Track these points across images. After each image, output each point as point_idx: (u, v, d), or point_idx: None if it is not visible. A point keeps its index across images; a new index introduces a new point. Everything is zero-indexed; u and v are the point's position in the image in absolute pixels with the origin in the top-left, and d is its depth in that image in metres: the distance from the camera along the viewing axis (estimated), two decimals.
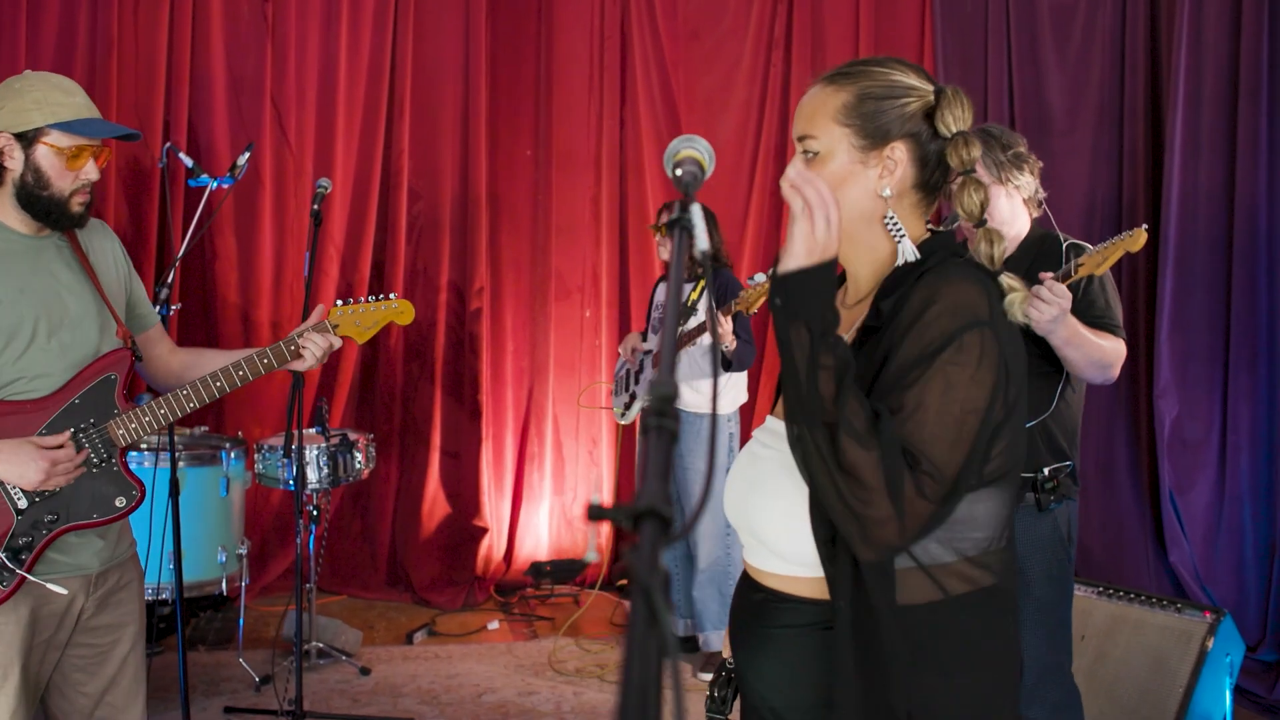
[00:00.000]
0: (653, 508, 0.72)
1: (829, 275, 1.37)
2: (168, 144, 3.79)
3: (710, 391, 4.31)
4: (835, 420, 1.30)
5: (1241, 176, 4.28)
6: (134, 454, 3.88)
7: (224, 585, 4.15)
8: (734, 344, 4.00)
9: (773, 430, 1.52)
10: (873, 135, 1.47)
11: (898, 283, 1.45)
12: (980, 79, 5.19)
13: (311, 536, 4.39)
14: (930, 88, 1.49)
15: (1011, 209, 2.88)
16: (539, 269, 5.60)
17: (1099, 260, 2.65)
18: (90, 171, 2.24)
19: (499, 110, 5.55)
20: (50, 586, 2.22)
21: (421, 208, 5.46)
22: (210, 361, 2.45)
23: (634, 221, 5.61)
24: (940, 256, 1.47)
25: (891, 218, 1.49)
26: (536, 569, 4.09)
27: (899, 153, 1.47)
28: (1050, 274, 2.65)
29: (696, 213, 1.12)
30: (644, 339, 4.59)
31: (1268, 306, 4.25)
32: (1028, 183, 2.86)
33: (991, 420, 1.35)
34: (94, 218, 2.43)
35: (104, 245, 2.43)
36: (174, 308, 3.46)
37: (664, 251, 4.63)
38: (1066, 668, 2.92)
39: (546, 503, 5.65)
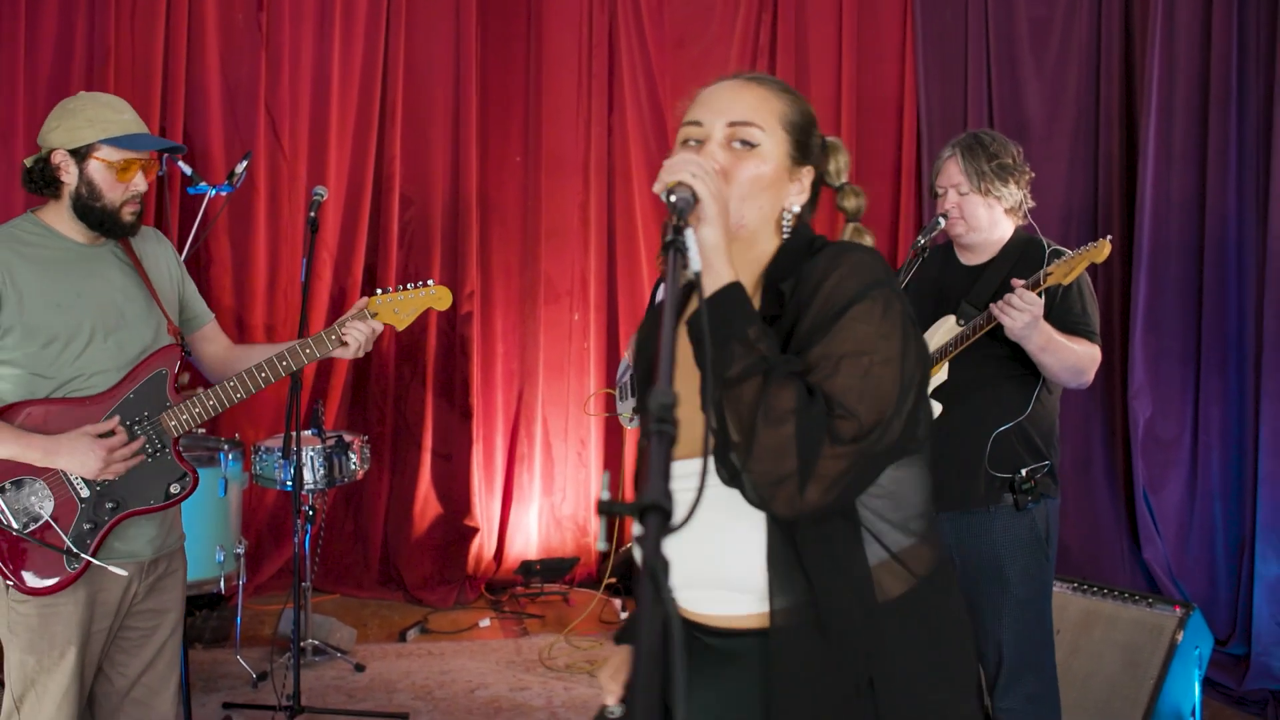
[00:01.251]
0: (656, 502, 0.82)
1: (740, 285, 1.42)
2: (184, 149, 3.87)
3: None
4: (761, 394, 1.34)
5: (1212, 184, 4.42)
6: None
7: (222, 584, 4.24)
8: None
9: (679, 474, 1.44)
10: (802, 153, 1.55)
11: (790, 267, 1.50)
12: (960, 87, 5.32)
13: (307, 536, 4.48)
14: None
15: (990, 217, 2.98)
16: (528, 273, 5.70)
17: (1066, 270, 2.76)
18: (139, 183, 2.43)
19: (489, 117, 5.65)
20: (113, 569, 2.38)
21: (413, 213, 5.55)
22: (259, 354, 2.60)
23: (621, 226, 5.71)
24: (822, 241, 1.55)
25: (788, 221, 1.56)
26: (526, 568, 4.26)
27: (808, 179, 1.57)
28: (1021, 281, 2.76)
29: (690, 236, 1.22)
30: None
31: (1237, 311, 4.39)
32: (1010, 194, 2.95)
33: (906, 376, 1.39)
34: (147, 226, 2.64)
35: (157, 251, 2.63)
36: None
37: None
38: (1047, 663, 3.01)
39: (536, 503, 5.74)
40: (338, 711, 3.99)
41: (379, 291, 2.61)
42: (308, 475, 4.25)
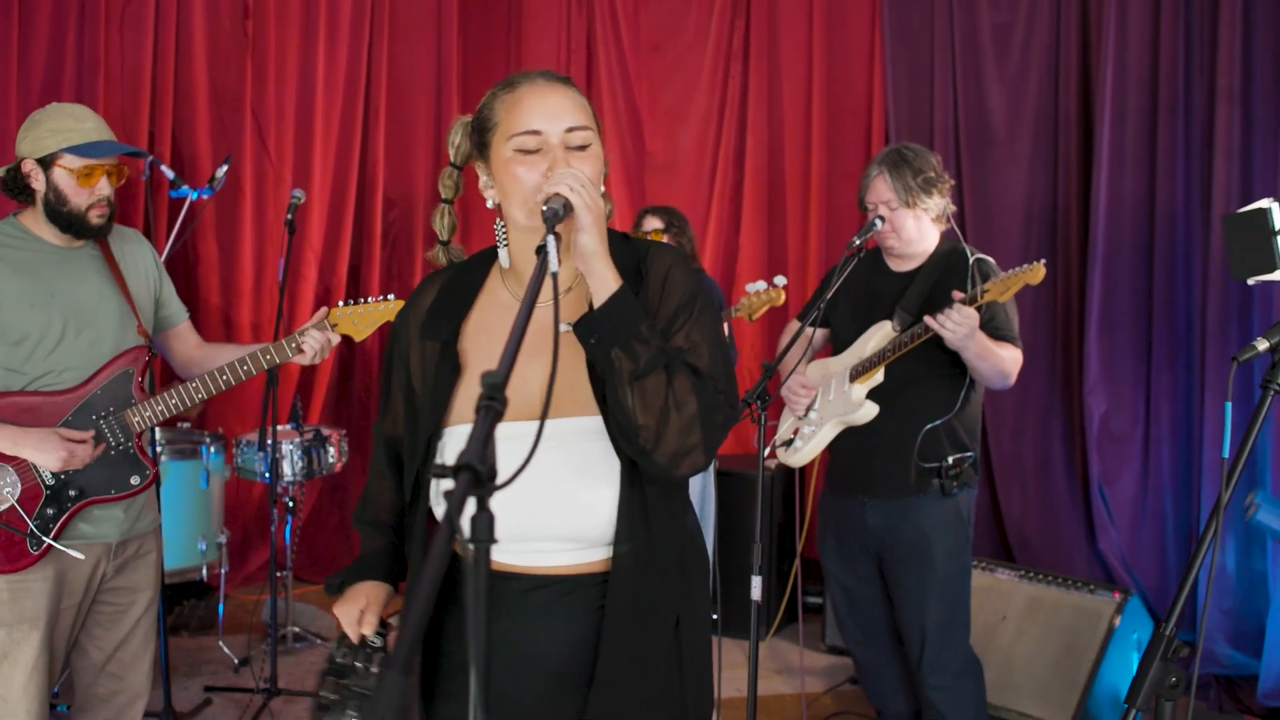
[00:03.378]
0: (469, 463, 0.98)
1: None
2: (150, 157, 4.04)
3: None
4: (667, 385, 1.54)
5: (1161, 185, 4.55)
6: None
7: (204, 572, 4.41)
8: None
9: (503, 437, 1.51)
10: (602, 144, 1.69)
11: (619, 257, 1.64)
12: (927, 90, 5.46)
13: (288, 527, 4.65)
14: None
15: (919, 229, 3.15)
16: None
17: (1002, 289, 2.91)
18: (103, 188, 2.57)
19: None
20: (71, 553, 2.54)
21: (396, 214, 5.72)
22: (224, 355, 2.76)
23: None
24: (623, 234, 1.75)
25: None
26: None
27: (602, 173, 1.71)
28: (961, 295, 2.92)
29: (551, 243, 1.38)
30: None
31: (1185, 309, 4.53)
32: (935, 204, 3.13)
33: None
34: (129, 228, 2.82)
35: (136, 252, 2.78)
36: None
37: None
38: (964, 639, 3.21)
39: None
40: (312, 693, 4.15)
41: (340, 304, 2.78)
42: (286, 468, 4.41)
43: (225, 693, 4.13)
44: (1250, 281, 2.95)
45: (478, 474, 0.97)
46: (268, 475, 4.17)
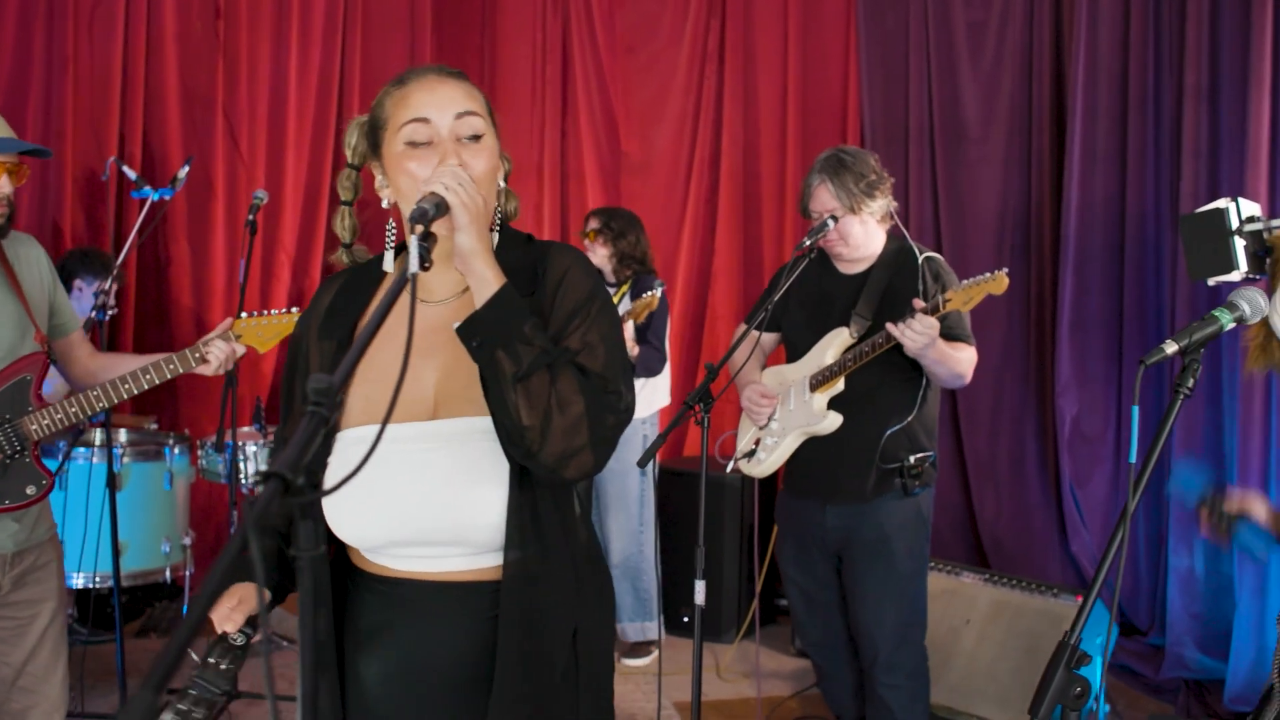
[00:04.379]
0: (279, 471, 0.95)
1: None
2: (111, 157, 4.02)
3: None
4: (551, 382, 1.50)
5: (1131, 184, 4.52)
6: (79, 449, 4.11)
7: (168, 574, 4.39)
8: (636, 350, 4.25)
9: (391, 438, 1.53)
10: (498, 138, 1.65)
11: (519, 255, 1.65)
12: (902, 90, 5.44)
13: None
14: None
15: (865, 232, 3.13)
16: None
17: (965, 298, 2.88)
18: (3, 186, 2.46)
19: None
20: None
21: (369, 215, 5.65)
22: (124, 365, 2.68)
23: (575, 228, 5.84)
24: (527, 234, 1.73)
25: (499, 210, 1.68)
26: None
27: (502, 170, 1.67)
28: (922, 304, 2.90)
29: (413, 243, 1.36)
30: None
31: (1155, 310, 4.49)
32: (879, 206, 3.11)
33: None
34: (23, 231, 2.69)
35: (30, 255, 2.67)
36: (109, 313, 3.69)
37: (593, 256, 4.76)
38: (919, 638, 3.19)
39: None
40: (279, 697, 4.13)
41: (244, 315, 2.73)
42: (251, 468, 4.39)
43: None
44: (1210, 282, 2.92)
45: (286, 482, 0.95)
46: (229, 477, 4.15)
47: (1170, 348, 1.69)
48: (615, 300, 4.45)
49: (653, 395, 4.63)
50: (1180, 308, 4.27)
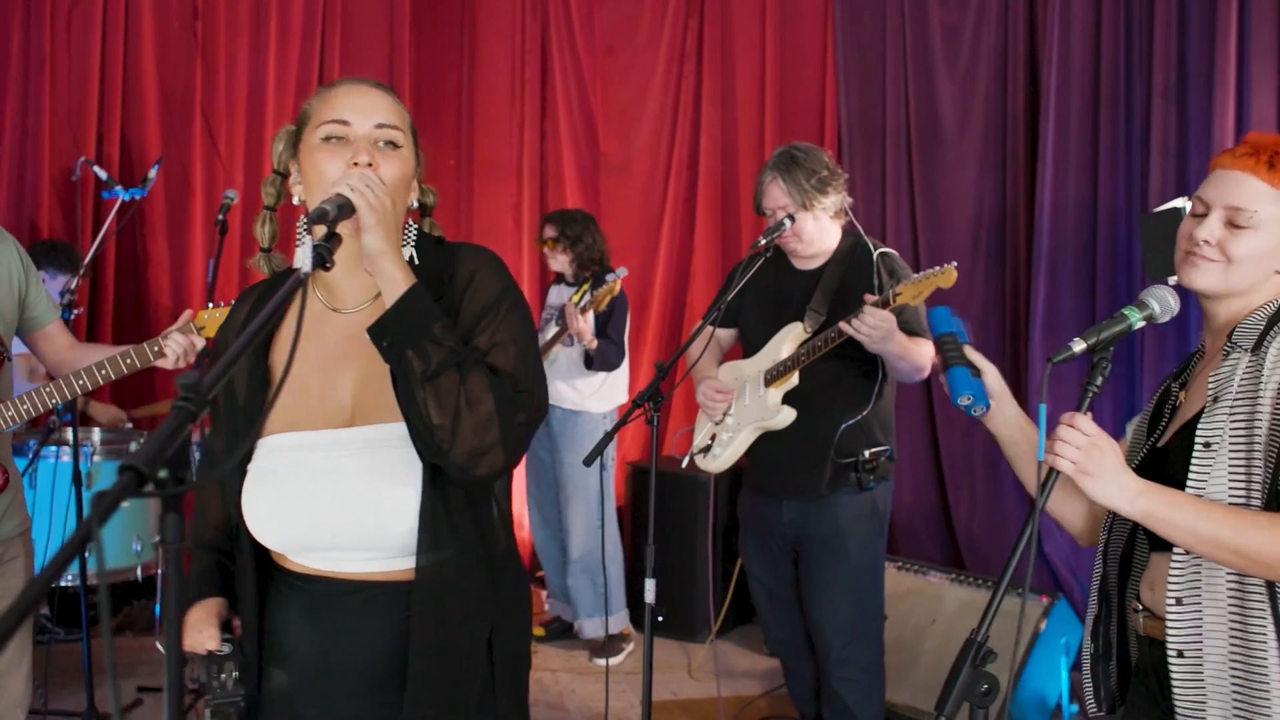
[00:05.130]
0: (134, 464, 0.96)
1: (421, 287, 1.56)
2: (81, 158, 4.03)
3: (588, 389, 4.56)
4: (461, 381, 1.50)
5: (1103, 184, 4.51)
6: (49, 448, 4.11)
7: (139, 572, 4.40)
8: (594, 344, 4.28)
9: (294, 446, 1.59)
10: (419, 156, 1.69)
11: (433, 258, 1.67)
12: (879, 91, 5.44)
13: None
14: None
15: (819, 228, 3.13)
16: None
17: (915, 291, 2.89)
18: None
19: (423, 122, 5.71)
20: None
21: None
22: (94, 357, 2.69)
23: None
24: (440, 236, 1.74)
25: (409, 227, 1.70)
26: None
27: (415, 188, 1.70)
28: (873, 298, 2.90)
29: (306, 243, 1.37)
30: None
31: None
32: (832, 202, 3.11)
33: (538, 356, 1.65)
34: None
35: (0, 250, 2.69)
36: (75, 312, 3.70)
37: (553, 262, 4.75)
38: (876, 633, 3.19)
39: None
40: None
41: (209, 305, 2.73)
42: None
43: (157, 693, 4.13)
44: (1170, 282, 2.92)
45: (140, 475, 0.96)
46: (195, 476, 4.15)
47: (1078, 346, 1.69)
48: (576, 296, 4.46)
49: (611, 391, 4.64)
50: None
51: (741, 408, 3.23)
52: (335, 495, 1.55)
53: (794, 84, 5.71)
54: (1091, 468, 1.62)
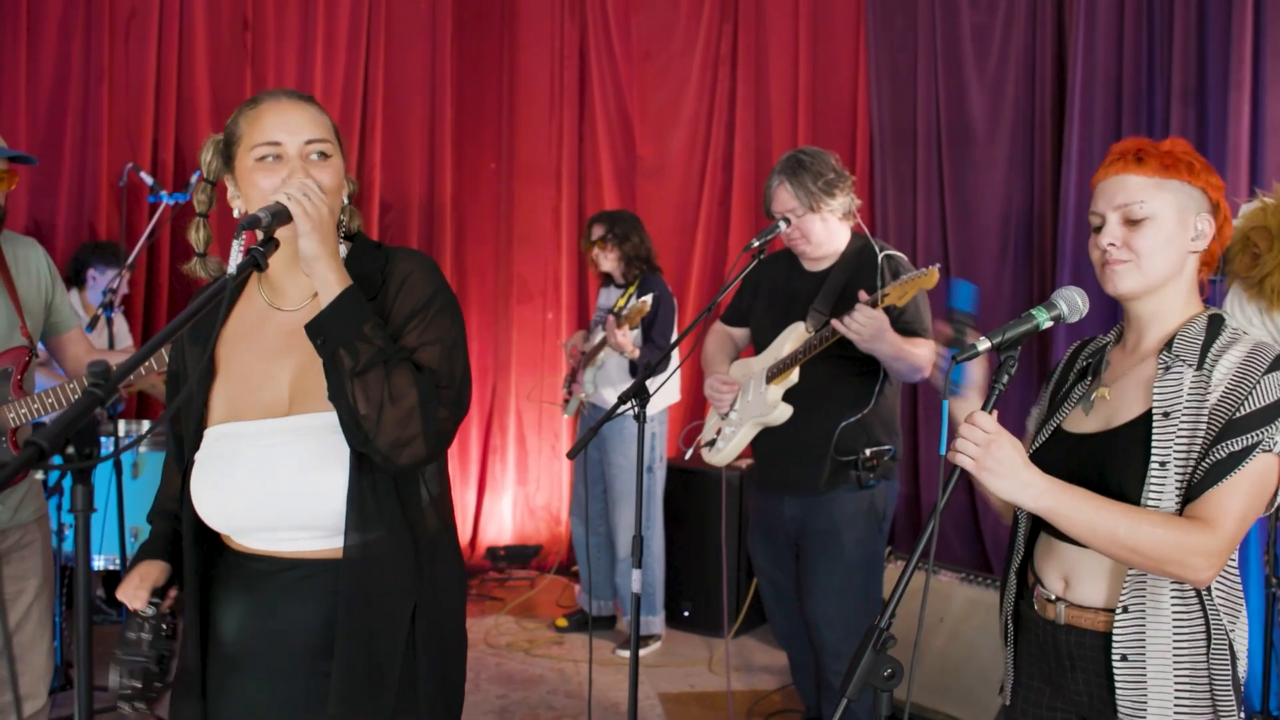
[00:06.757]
0: (35, 440, 1.10)
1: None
2: (129, 164, 4.25)
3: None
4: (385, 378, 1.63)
5: None
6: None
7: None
8: (635, 353, 4.36)
9: (235, 435, 1.73)
10: (344, 159, 1.80)
11: (368, 260, 1.78)
12: (911, 92, 5.46)
13: None
14: None
15: (826, 230, 3.20)
16: (501, 274, 6.03)
17: (900, 293, 2.95)
18: None
19: (464, 127, 5.98)
20: None
21: (391, 218, 5.91)
22: (112, 360, 2.88)
23: None
24: (375, 240, 1.85)
25: (344, 220, 1.82)
26: (493, 554, 4.61)
27: (346, 188, 1.80)
28: (867, 296, 2.97)
29: (236, 247, 1.50)
30: (585, 339, 4.92)
31: None
32: (840, 204, 3.17)
33: (466, 355, 1.77)
34: (23, 235, 2.91)
35: (28, 256, 2.88)
36: (115, 311, 3.92)
37: (603, 262, 4.86)
38: None
39: (510, 493, 6.05)
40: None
41: None
42: None
43: None
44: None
45: (41, 450, 1.09)
46: None
47: (983, 344, 1.74)
48: (623, 299, 4.57)
49: (660, 393, 4.72)
50: None
51: (745, 403, 3.32)
52: (271, 479, 1.68)
53: (826, 87, 5.76)
54: (991, 464, 1.68)
